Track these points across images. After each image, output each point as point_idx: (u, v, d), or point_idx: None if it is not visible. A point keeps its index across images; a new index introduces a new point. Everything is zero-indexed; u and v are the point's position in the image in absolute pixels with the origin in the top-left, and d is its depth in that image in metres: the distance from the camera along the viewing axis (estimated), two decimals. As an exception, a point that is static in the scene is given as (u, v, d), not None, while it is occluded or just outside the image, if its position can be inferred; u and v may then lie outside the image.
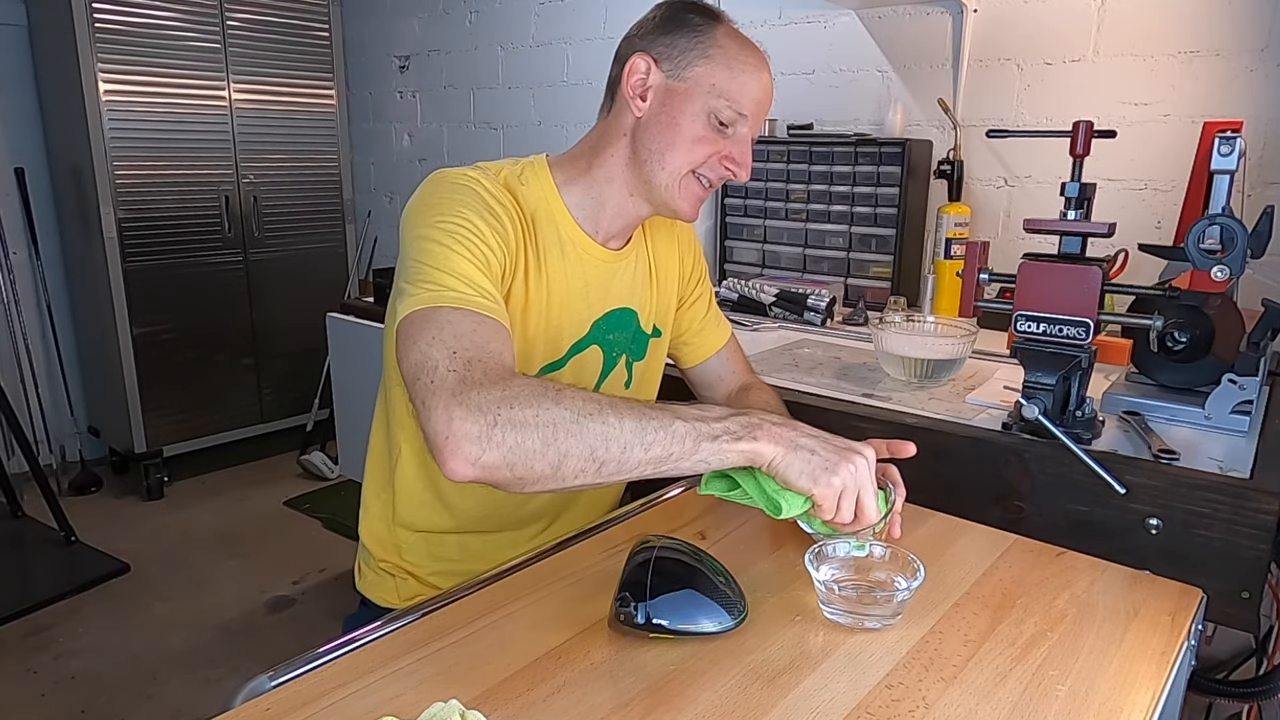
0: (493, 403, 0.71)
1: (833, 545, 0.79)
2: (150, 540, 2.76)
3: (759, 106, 1.02)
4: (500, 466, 0.71)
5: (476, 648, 0.71)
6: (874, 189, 1.96)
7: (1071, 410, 1.11)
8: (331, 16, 3.30)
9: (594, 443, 0.71)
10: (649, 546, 0.76)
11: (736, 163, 1.01)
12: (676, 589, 0.72)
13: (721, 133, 0.99)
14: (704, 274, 1.26)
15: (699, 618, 0.71)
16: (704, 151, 0.99)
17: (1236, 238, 0.99)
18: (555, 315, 1.03)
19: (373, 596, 1.14)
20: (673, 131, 0.99)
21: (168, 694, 2.04)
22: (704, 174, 1.01)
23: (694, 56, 0.99)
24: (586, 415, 0.72)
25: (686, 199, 1.02)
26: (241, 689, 0.67)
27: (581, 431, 0.71)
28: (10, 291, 3.03)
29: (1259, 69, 1.62)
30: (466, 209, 0.92)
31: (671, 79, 0.99)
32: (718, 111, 0.98)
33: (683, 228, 1.21)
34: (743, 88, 0.99)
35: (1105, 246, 1.24)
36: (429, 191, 0.95)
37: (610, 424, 0.72)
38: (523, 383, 0.74)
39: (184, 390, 3.10)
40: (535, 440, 0.70)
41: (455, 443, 0.70)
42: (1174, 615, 0.77)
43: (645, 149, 1.00)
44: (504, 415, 0.71)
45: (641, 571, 0.73)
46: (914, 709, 0.63)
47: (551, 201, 1.03)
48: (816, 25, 2.21)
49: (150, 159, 2.90)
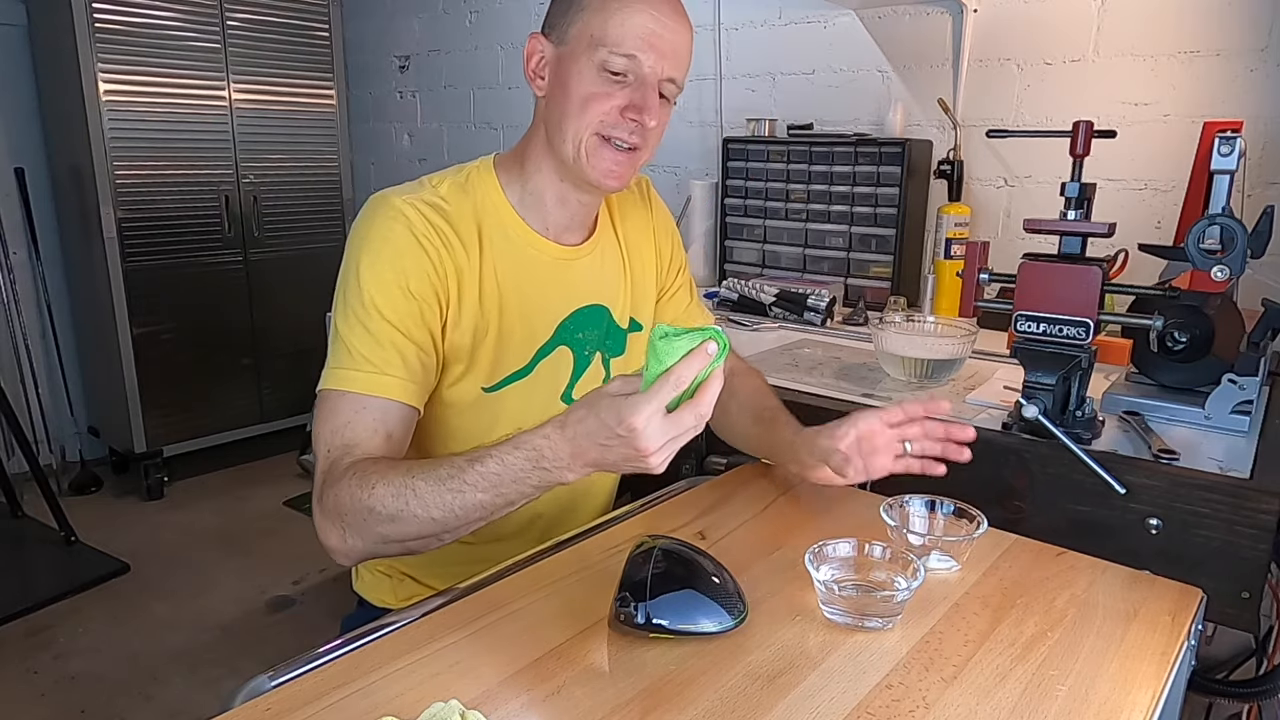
0: (337, 511, 0.81)
1: (833, 545, 0.79)
2: (150, 540, 2.76)
3: (652, 41, 0.91)
4: (366, 554, 0.84)
5: (476, 648, 0.71)
6: (874, 189, 1.96)
7: (1071, 410, 1.11)
8: (331, 16, 3.30)
9: (420, 528, 0.79)
10: (649, 547, 0.76)
11: (637, 109, 0.92)
12: (676, 589, 0.72)
13: (619, 83, 0.92)
14: (684, 263, 1.23)
15: (699, 618, 0.71)
16: (597, 109, 0.92)
17: (1236, 238, 0.99)
18: (514, 323, 1.00)
19: (370, 597, 1.14)
20: (564, 98, 0.94)
21: (168, 694, 2.04)
22: (613, 135, 0.94)
23: (573, 14, 0.94)
24: (400, 507, 0.78)
25: (597, 166, 0.95)
26: (241, 689, 0.67)
27: (403, 521, 0.79)
28: (10, 291, 3.03)
29: (1259, 69, 1.62)
30: (384, 265, 0.91)
31: (559, 46, 0.95)
32: (605, 63, 0.91)
33: (659, 216, 1.17)
34: (623, 26, 0.91)
35: (1105, 246, 1.24)
36: (356, 237, 0.94)
37: (416, 513, 0.78)
38: (347, 486, 0.81)
39: (184, 390, 3.10)
40: (374, 535, 0.81)
41: (330, 552, 0.84)
42: (1174, 615, 0.76)
43: (550, 125, 0.96)
44: (347, 521, 0.81)
45: (641, 571, 0.73)
46: (914, 709, 0.63)
47: (498, 204, 1.00)
48: (816, 25, 2.21)
49: (150, 159, 2.90)
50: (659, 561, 0.74)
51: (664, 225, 1.19)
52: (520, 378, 1.02)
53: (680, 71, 0.96)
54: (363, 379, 0.88)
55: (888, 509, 0.88)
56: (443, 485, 0.77)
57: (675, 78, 0.95)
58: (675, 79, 0.95)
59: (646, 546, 0.76)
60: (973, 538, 0.83)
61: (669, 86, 0.95)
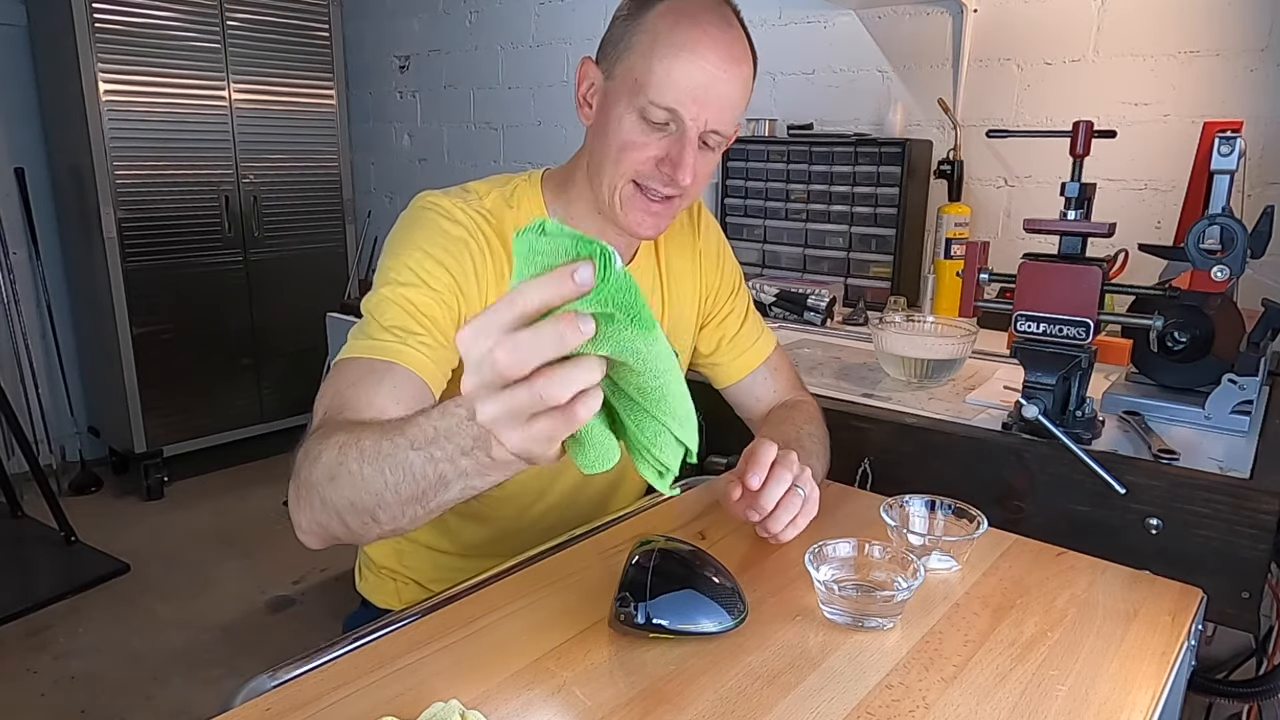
0: (295, 472, 0.71)
1: (833, 545, 0.79)
2: (150, 540, 2.76)
3: (697, 95, 0.85)
4: (315, 531, 0.70)
5: (476, 648, 0.71)
6: (874, 189, 1.96)
7: (1071, 410, 1.11)
8: (331, 16, 3.30)
9: (353, 492, 0.64)
10: (649, 547, 0.76)
11: (673, 165, 0.87)
12: (676, 589, 0.72)
13: (659, 131, 0.87)
14: (735, 289, 1.16)
15: (699, 618, 0.71)
16: (632, 160, 0.87)
17: (1236, 238, 0.99)
18: None
19: (373, 599, 1.14)
20: (604, 139, 0.89)
21: (168, 694, 2.04)
22: (648, 184, 0.89)
23: (623, 48, 0.88)
24: (340, 461, 0.65)
25: (630, 215, 0.91)
26: (241, 689, 0.67)
27: (339, 481, 0.65)
28: (10, 291, 3.03)
29: (1259, 69, 1.62)
30: (416, 248, 0.88)
31: (608, 79, 0.90)
32: (644, 111, 0.85)
33: (707, 241, 1.11)
34: (668, 76, 0.84)
35: (1105, 246, 1.24)
36: (400, 225, 0.92)
37: (351, 468, 0.64)
38: (314, 442, 0.70)
39: (184, 390, 3.10)
40: (315, 500, 0.68)
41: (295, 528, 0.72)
42: (1174, 615, 0.76)
43: (591, 163, 0.92)
44: (299, 485, 0.70)
45: (641, 571, 0.72)
46: (914, 709, 0.63)
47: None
48: (816, 25, 2.21)
49: (150, 159, 2.90)
50: (659, 561, 0.73)
51: (712, 250, 1.13)
52: None
53: (727, 123, 0.89)
54: (379, 346, 0.82)
55: (888, 509, 0.88)
56: (384, 435, 0.63)
57: (721, 129, 0.89)
58: (721, 130, 0.89)
59: (647, 546, 0.76)
60: (973, 538, 0.83)
61: (714, 137, 0.90)
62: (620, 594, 0.72)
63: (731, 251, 1.18)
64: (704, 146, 0.90)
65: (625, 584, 0.72)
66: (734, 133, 0.95)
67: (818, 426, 1.07)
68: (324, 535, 0.71)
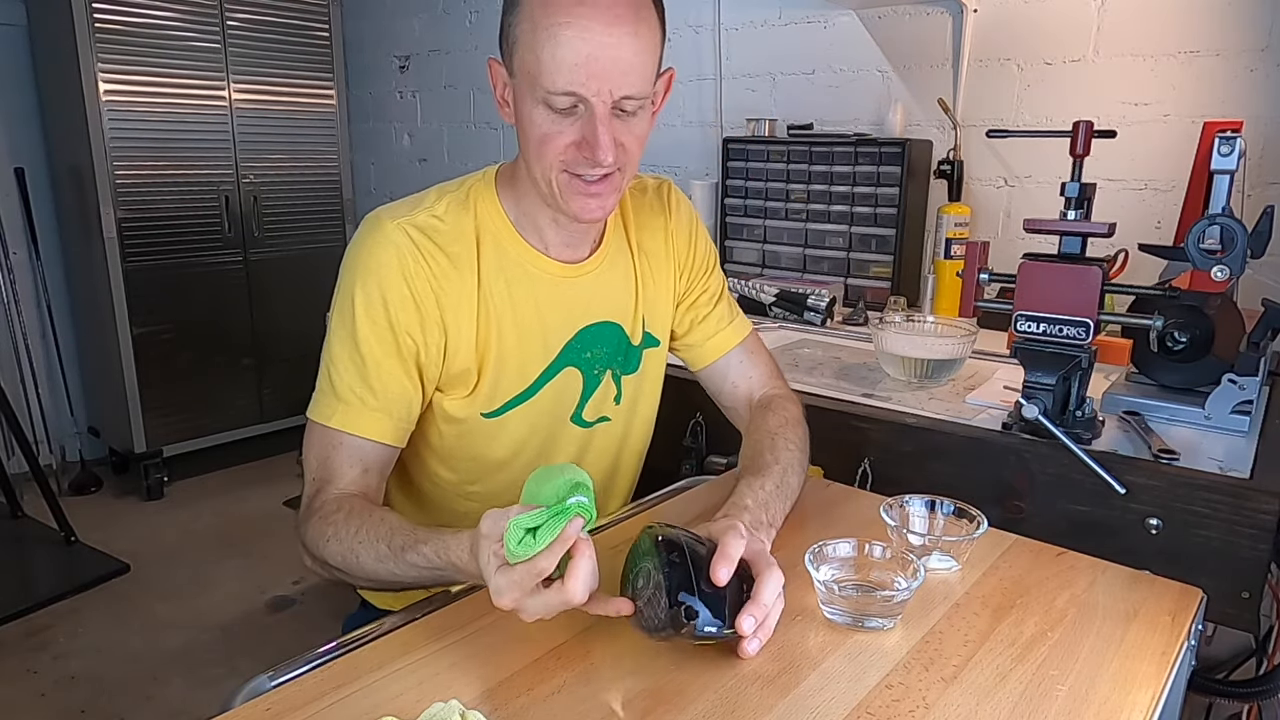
0: (306, 545, 0.88)
1: (833, 545, 0.79)
2: (150, 540, 2.76)
3: (590, 69, 0.80)
4: (314, 573, 0.90)
5: (476, 648, 0.71)
6: (874, 189, 1.96)
7: (1071, 410, 1.11)
8: (331, 16, 3.30)
9: (359, 576, 0.84)
10: (672, 541, 0.70)
11: (589, 146, 0.83)
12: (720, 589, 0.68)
13: (570, 116, 0.84)
14: (709, 269, 1.14)
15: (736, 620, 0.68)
16: (553, 150, 0.85)
17: (1236, 238, 0.99)
18: (512, 347, 0.97)
19: (373, 599, 1.14)
20: (525, 136, 0.88)
21: (168, 694, 2.04)
22: (578, 170, 0.87)
23: (512, 42, 0.85)
24: (348, 564, 0.83)
25: (572, 202, 0.89)
26: (241, 689, 0.67)
27: (348, 573, 0.85)
28: (10, 291, 3.03)
29: (1259, 69, 1.62)
30: (374, 300, 0.90)
31: (512, 76, 0.88)
32: (546, 101, 0.83)
33: (678, 220, 1.10)
34: (553, 60, 0.80)
35: (1105, 246, 1.24)
36: (349, 260, 0.94)
37: (355, 574, 0.84)
38: (314, 528, 0.86)
39: (184, 390, 3.09)
40: (331, 575, 0.88)
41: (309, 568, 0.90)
42: (1174, 615, 0.76)
43: (523, 158, 0.92)
44: (312, 556, 0.88)
45: (684, 573, 0.67)
46: (914, 709, 0.63)
47: (496, 221, 0.96)
48: (816, 25, 2.21)
49: (150, 159, 2.90)
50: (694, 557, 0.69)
51: (683, 228, 1.11)
52: (522, 401, 1.00)
53: (635, 86, 0.84)
54: (341, 414, 0.91)
55: (888, 509, 0.88)
56: (393, 557, 0.79)
57: (631, 94, 0.83)
58: (633, 93, 0.84)
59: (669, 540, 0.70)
60: (973, 538, 0.83)
61: (629, 103, 0.84)
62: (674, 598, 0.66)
63: (706, 233, 1.15)
64: (622, 114, 0.86)
65: (671, 586, 0.67)
66: (657, 92, 0.91)
67: (794, 430, 1.01)
68: (324, 577, 0.90)
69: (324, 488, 0.89)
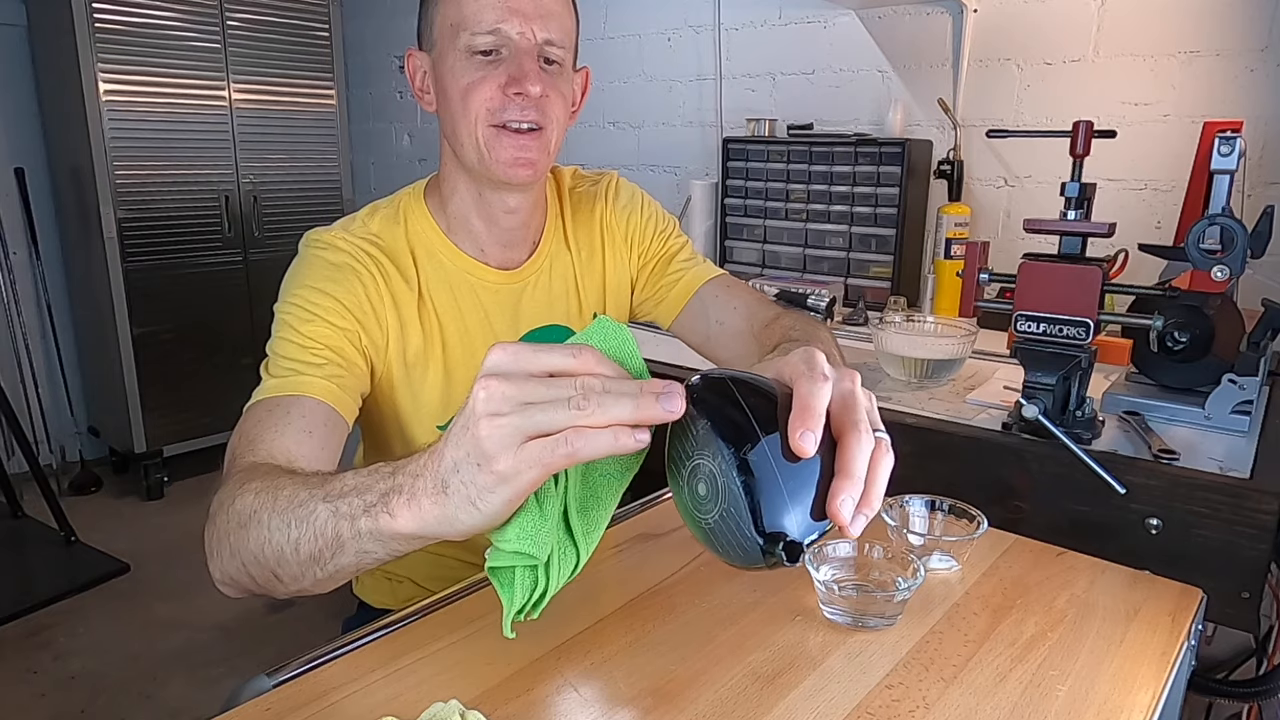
0: (210, 518, 0.70)
1: (833, 545, 0.79)
2: (150, 540, 2.76)
3: (512, 6, 0.85)
4: (227, 581, 0.70)
5: (476, 648, 0.71)
6: (874, 189, 1.96)
7: (1071, 410, 1.11)
8: (331, 16, 3.30)
9: (260, 542, 0.62)
10: (739, 427, 0.50)
11: (516, 80, 0.85)
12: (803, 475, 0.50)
13: (493, 62, 0.86)
14: (661, 232, 1.10)
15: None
16: (479, 97, 0.86)
17: (1236, 238, 0.99)
18: (458, 357, 0.96)
19: (370, 600, 1.14)
20: (448, 101, 0.89)
21: (168, 694, 2.04)
22: (505, 120, 0.87)
23: (430, 13, 0.89)
24: (255, 508, 0.63)
25: (500, 158, 0.88)
26: (241, 689, 0.67)
27: (251, 527, 0.63)
28: (10, 291, 3.03)
29: (1259, 69, 1.62)
30: (304, 285, 0.88)
31: (430, 51, 0.91)
32: (470, 46, 0.86)
33: (615, 207, 1.07)
34: (476, 2, 0.85)
35: (1105, 246, 1.24)
36: (290, 269, 0.93)
37: (263, 517, 0.62)
38: (228, 487, 0.69)
39: (184, 390, 3.10)
40: (226, 547, 0.66)
41: (218, 583, 0.72)
42: (1174, 615, 0.76)
43: (448, 135, 0.92)
44: (214, 531, 0.69)
45: (771, 485, 0.49)
46: (914, 709, 0.63)
47: (429, 234, 0.96)
48: (816, 25, 2.21)
49: (150, 159, 2.90)
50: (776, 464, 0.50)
51: (621, 210, 1.07)
52: None
53: (559, 30, 0.88)
54: (281, 383, 0.82)
55: (888, 509, 0.88)
56: (303, 485, 0.62)
57: (554, 38, 0.87)
58: (554, 39, 0.87)
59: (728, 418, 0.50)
60: (973, 538, 0.83)
61: (553, 50, 0.88)
62: (760, 526, 0.50)
63: (655, 205, 1.12)
64: (547, 65, 0.89)
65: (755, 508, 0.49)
66: (576, 88, 0.94)
67: (821, 329, 0.94)
68: (237, 587, 0.70)
69: (245, 454, 0.75)
